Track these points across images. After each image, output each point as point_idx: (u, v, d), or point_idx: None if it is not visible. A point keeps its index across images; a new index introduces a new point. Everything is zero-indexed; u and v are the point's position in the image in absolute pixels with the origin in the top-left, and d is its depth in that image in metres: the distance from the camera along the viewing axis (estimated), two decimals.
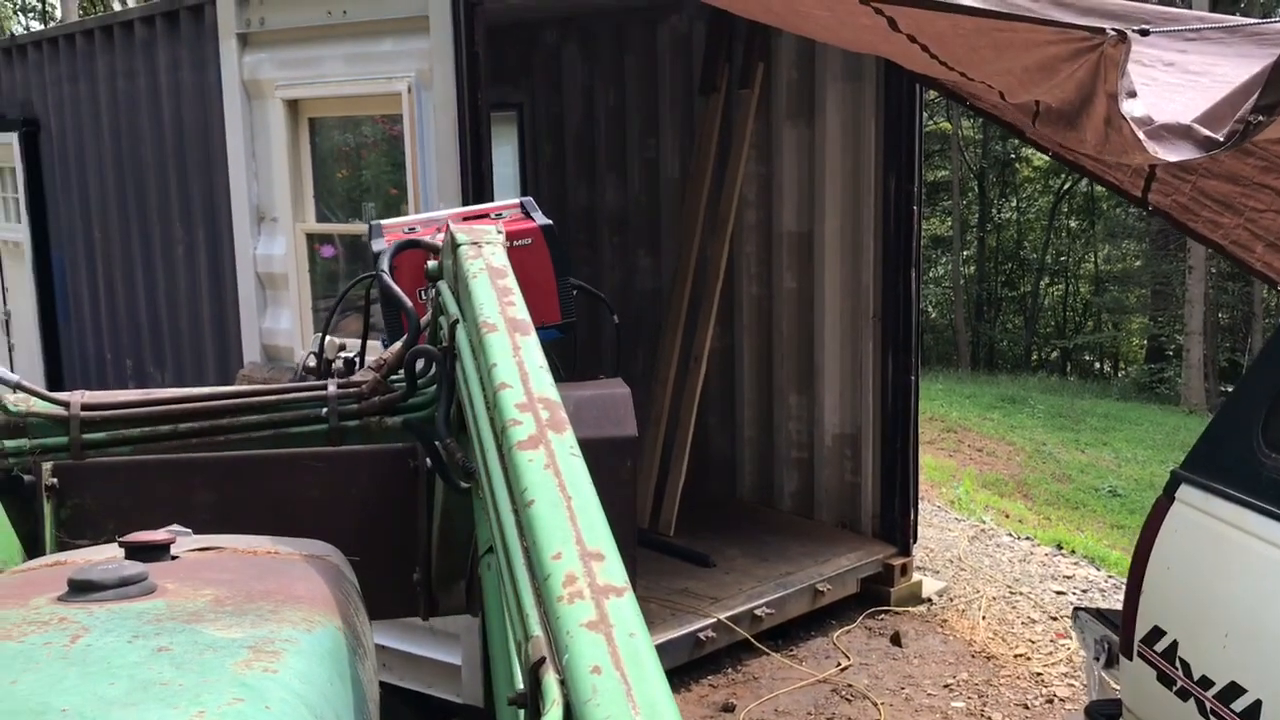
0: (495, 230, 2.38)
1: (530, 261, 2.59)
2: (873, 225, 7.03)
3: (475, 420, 1.80)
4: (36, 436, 2.19)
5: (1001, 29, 3.26)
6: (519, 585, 1.25)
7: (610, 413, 2.52)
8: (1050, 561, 7.98)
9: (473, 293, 2.03)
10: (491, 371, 1.73)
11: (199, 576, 1.69)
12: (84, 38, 7.79)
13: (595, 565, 1.21)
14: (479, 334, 1.87)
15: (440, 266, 2.37)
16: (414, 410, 2.33)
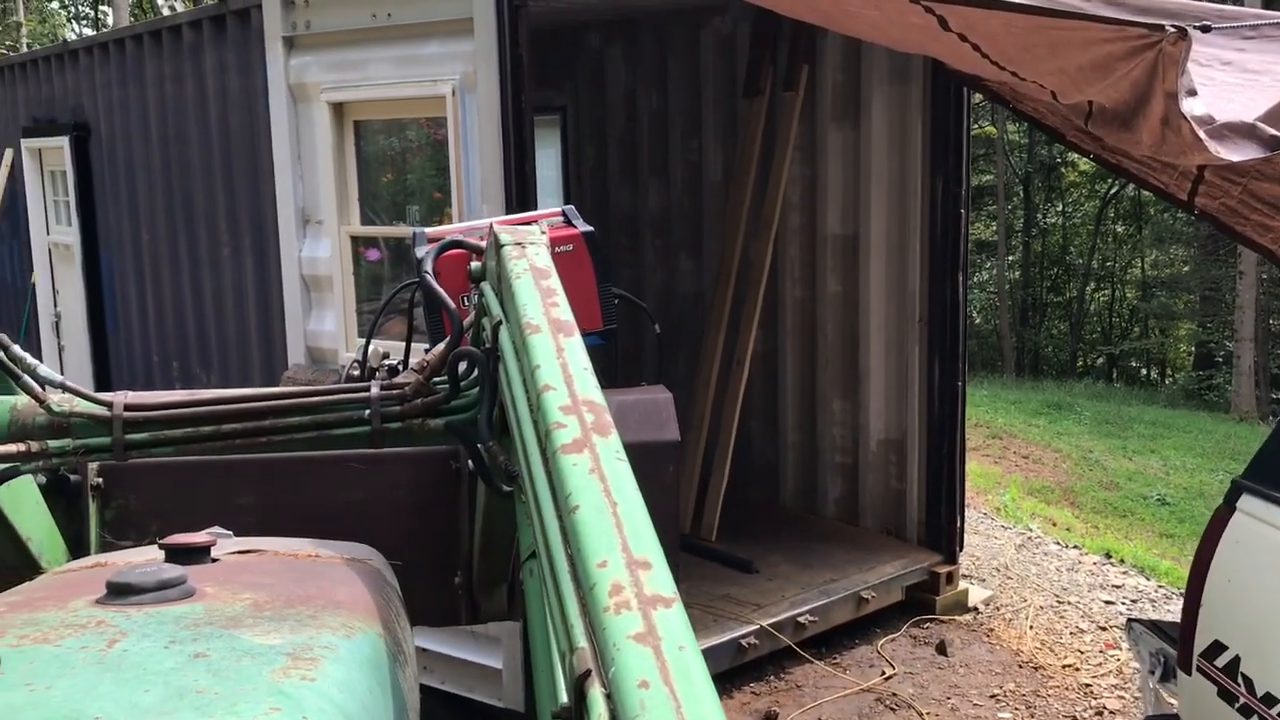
0: (539, 231, 2.36)
1: (572, 268, 2.57)
2: (919, 229, 6.95)
3: (518, 423, 1.77)
4: (80, 436, 2.18)
5: (1056, 27, 3.20)
6: (563, 594, 1.21)
7: (653, 417, 2.49)
8: (1098, 570, 7.85)
9: (516, 293, 2.00)
10: (535, 373, 1.70)
11: (238, 580, 1.67)
12: (133, 43, 7.87)
13: (643, 574, 1.17)
14: (522, 335, 1.85)
15: (484, 268, 2.35)
16: (457, 412, 2.31)
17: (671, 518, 2.72)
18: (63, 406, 2.18)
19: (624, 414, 2.50)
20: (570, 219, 2.74)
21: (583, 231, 2.64)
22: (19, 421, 2.19)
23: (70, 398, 2.18)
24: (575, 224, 2.71)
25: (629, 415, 2.47)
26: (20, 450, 2.10)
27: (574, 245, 2.60)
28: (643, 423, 2.47)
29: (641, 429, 2.46)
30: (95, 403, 2.18)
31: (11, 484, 2.12)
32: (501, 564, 2.58)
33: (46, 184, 9.53)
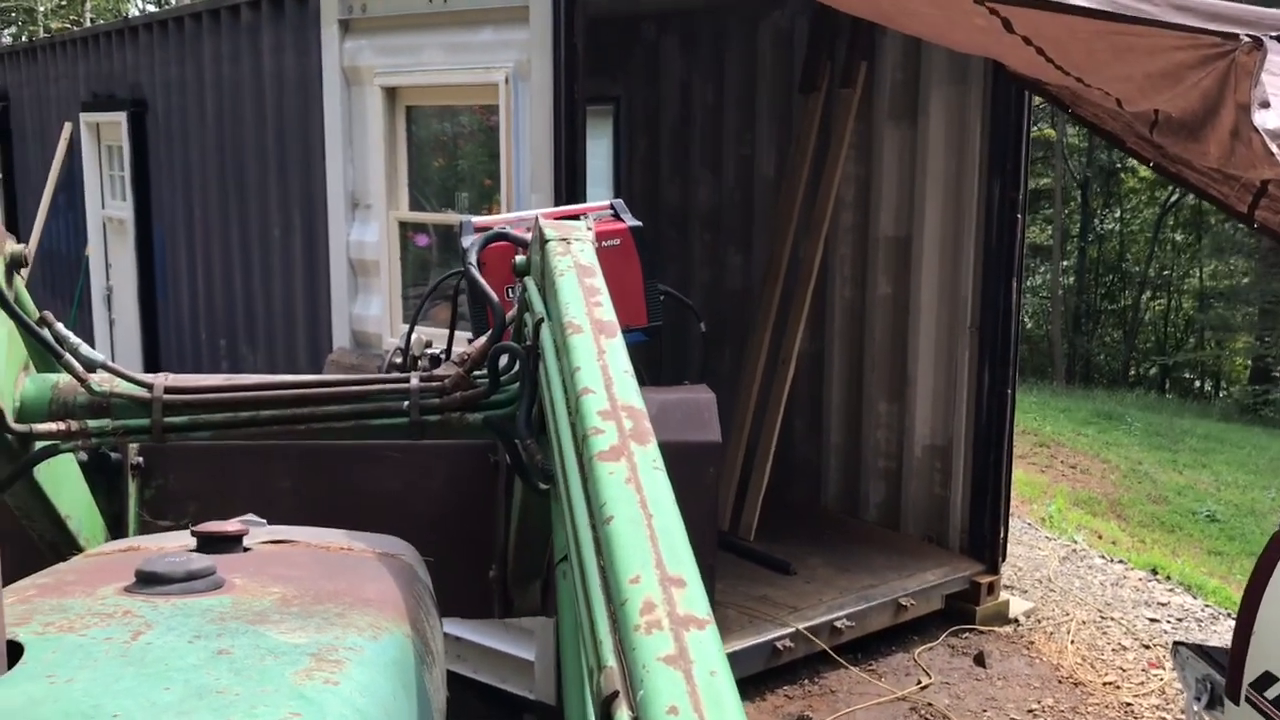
0: (584, 227, 2.32)
1: (618, 263, 2.55)
2: (974, 232, 6.84)
3: (556, 424, 1.74)
4: (120, 417, 2.17)
5: (1123, 32, 3.11)
6: (594, 608, 1.17)
7: (695, 417, 2.47)
8: (1144, 586, 7.71)
9: (559, 291, 1.96)
10: (575, 375, 1.66)
11: (268, 572, 1.65)
12: (192, 21, 7.92)
13: (676, 592, 1.13)
14: (564, 335, 1.81)
15: (528, 261, 2.32)
16: (496, 407, 2.29)
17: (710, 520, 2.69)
18: (103, 387, 2.17)
19: (666, 413, 2.46)
20: (619, 213, 2.71)
21: (630, 226, 2.62)
22: (60, 400, 2.18)
23: (111, 378, 2.17)
24: (623, 218, 2.68)
25: (671, 414, 2.45)
26: (60, 429, 2.10)
27: (621, 240, 2.58)
28: (684, 422, 2.44)
29: (683, 429, 2.43)
30: (135, 384, 2.17)
31: (52, 462, 2.12)
32: (536, 560, 2.56)
33: (103, 158, 9.63)
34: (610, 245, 2.56)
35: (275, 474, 2.53)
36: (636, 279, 2.59)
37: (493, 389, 2.25)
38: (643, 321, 2.62)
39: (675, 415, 2.45)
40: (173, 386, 2.20)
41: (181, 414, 2.18)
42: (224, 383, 2.27)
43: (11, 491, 2.08)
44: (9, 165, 12.07)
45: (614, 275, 2.57)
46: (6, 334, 2.11)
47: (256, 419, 2.22)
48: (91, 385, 2.14)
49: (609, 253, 2.55)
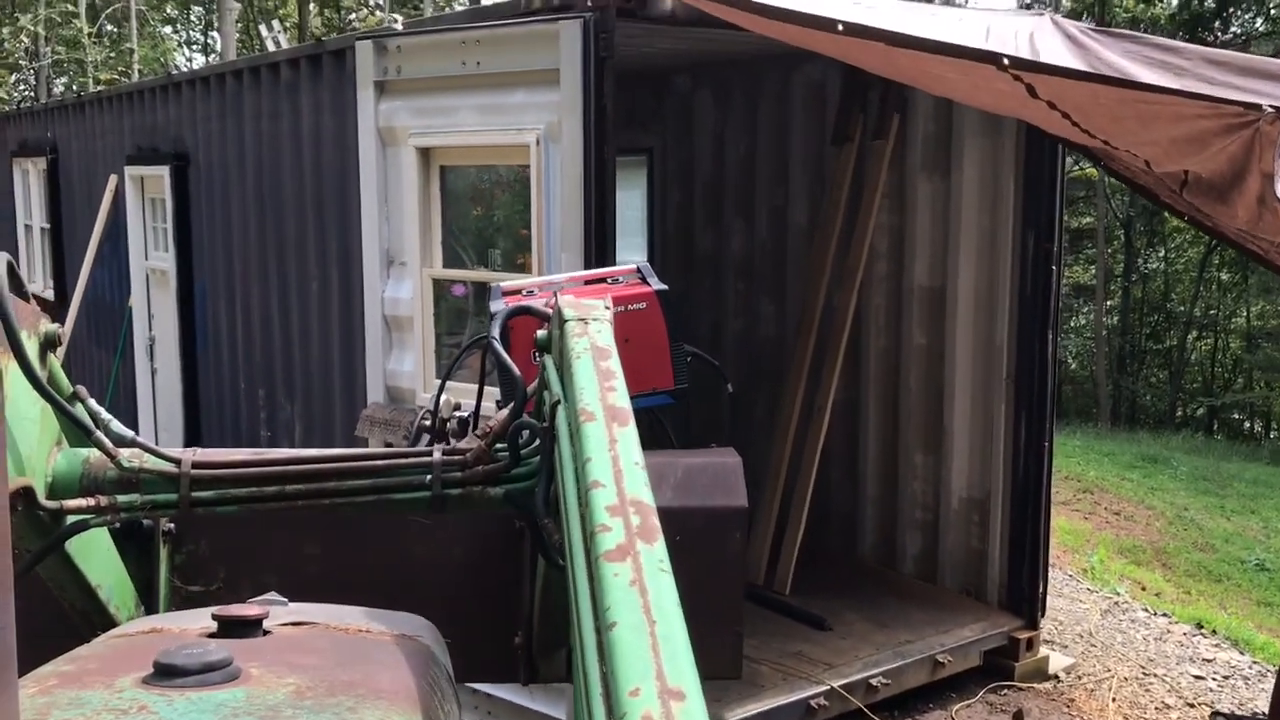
0: (603, 305, 2.34)
1: (644, 326, 2.59)
2: (1008, 283, 6.80)
3: (567, 513, 1.75)
4: (149, 492, 2.23)
5: (1146, 100, 3.10)
6: (594, 716, 1.17)
7: (721, 481, 2.46)
8: (1189, 641, 7.57)
9: (575, 375, 1.98)
10: (585, 466, 1.67)
11: (284, 660, 1.66)
12: (233, 78, 8.07)
13: (675, 706, 1.13)
14: (577, 420, 1.82)
15: (549, 337, 2.34)
16: (516, 481, 2.31)
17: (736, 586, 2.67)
18: (133, 462, 2.22)
19: (692, 478, 2.47)
20: (645, 276, 2.73)
21: (656, 290, 2.64)
22: (90, 475, 2.24)
23: (140, 453, 2.23)
24: (649, 281, 2.70)
25: (697, 479, 2.45)
26: (90, 504, 2.16)
27: (647, 303, 2.60)
28: (711, 487, 2.44)
29: (710, 493, 2.43)
30: (164, 459, 2.22)
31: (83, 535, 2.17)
32: (561, 629, 2.56)
33: (147, 211, 9.80)
34: (636, 309, 2.58)
35: (303, 540, 2.56)
36: (662, 342, 2.62)
37: (513, 463, 2.27)
38: (669, 384, 2.64)
39: (702, 480, 2.45)
40: (200, 461, 2.25)
41: (209, 488, 2.23)
42: (251, 457, 2.31)
43: (44, 564, 2.13)
44: (57, 216, 12.32)
45: (640, 338, 2.60)
46: (40, 412, 2.16)
47: (282, 493, 2.26)
48: (121, 461, 2.19)
49: (635, 316, 2.58)
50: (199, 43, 33.25)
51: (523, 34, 5.20)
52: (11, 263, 2.14)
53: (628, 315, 2.59)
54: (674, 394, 2.69)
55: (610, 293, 2.65)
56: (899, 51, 3.67)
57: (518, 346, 2.46)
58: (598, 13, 4.89)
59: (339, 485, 2.29)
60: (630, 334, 2.57)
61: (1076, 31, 4.44)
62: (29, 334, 2.11)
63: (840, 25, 3.70)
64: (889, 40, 3.62)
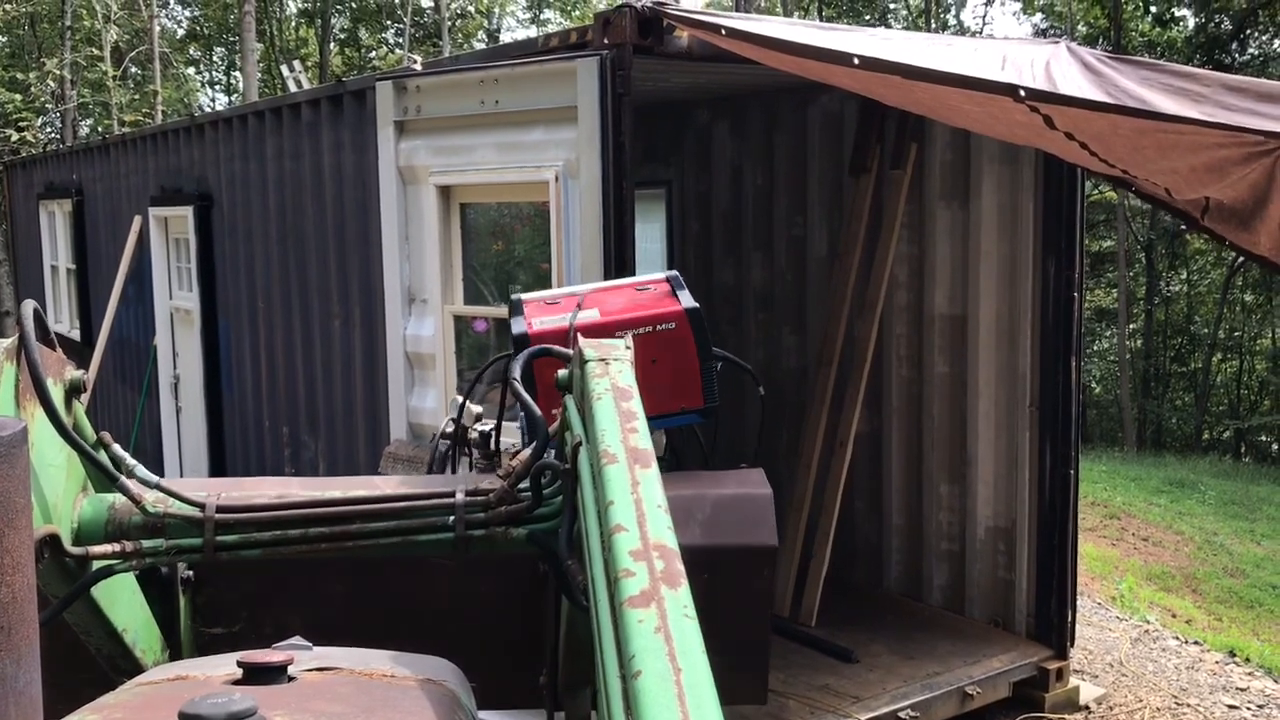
0: (623, 346, 2.33)
1: (674, 346, 2.55)
2: (1030, 310, 6.78)
3: (590, 556, 1.74)
4: (173, 536, 2.24)
5: (1166, 130, 3.09)
6: None
7: (750, 518, 2.43)
8: (1221, 670, 7.47)
9: (596, 415, 1.98)
10: (608, 510, 1.67)
11: (309, 708, 1.66)
12: (255, 118, 8.16)
13: None
14: (599, 463, 1.82)
15: (570, 377, 2.33)
16: (539, 521, 2.29)
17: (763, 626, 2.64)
18: (157, 507, 2.23)
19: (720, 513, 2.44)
20: (675, 288, 2.68)
21: (686, 309, 2.59)
22: (116, 521, 2.25)
23: (165, 498, 2.23)
24: (679, 296, 2.65)
25: (725, 515, 2.42)
26: (116, 550, 2.17)
27: (677, 323, 2.56)
28: (740, 524, 2.41)
29: (738, 531, 2.40)
30: (188, 504, 2.23)
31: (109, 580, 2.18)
32: (585, 668, 2.55)
33: (171, 251, 9.90)
34: (665, 329, 2.55)
35: (325, 580, 2.56)
36: (692, 361, 2.58)
37: (536, 504, 2.27)
38: (699, 403, 2.60)
39: (730, 517, 2.42)
40: (224, 505, 2.25)
41: (233, 532, 2.23)
42: (274, 499, 2.31)
43: (70, 610, 2.14)
44: (83, 256, 12.45)
45: (669, 358, 2.57)
46: (66, 459, 2.18)
47: (305, 536, 2.26)
48: (146, 506, 2.20)
49: (664, 336, 2.55)
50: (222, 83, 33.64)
51: (540, 72, 5.24)
52: (38, 310, 2.16)
53: (655, 336, 2.56)
54: (704, 413, 2.66)
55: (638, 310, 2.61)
56: (915, 84, 3.68)
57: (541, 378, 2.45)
58: (614, 50, 4.93)
59: (362, 528, 2.29)
60: (659, 354, 2.54)
61: (1093, 59, 4.44)
62: (54, 381, 2.13)
63: (856, 59, 3.72)
64: (904, 73, 3.63)
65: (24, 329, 2.07)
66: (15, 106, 20.69)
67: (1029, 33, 31.11)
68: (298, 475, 8.00)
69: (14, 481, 1.13)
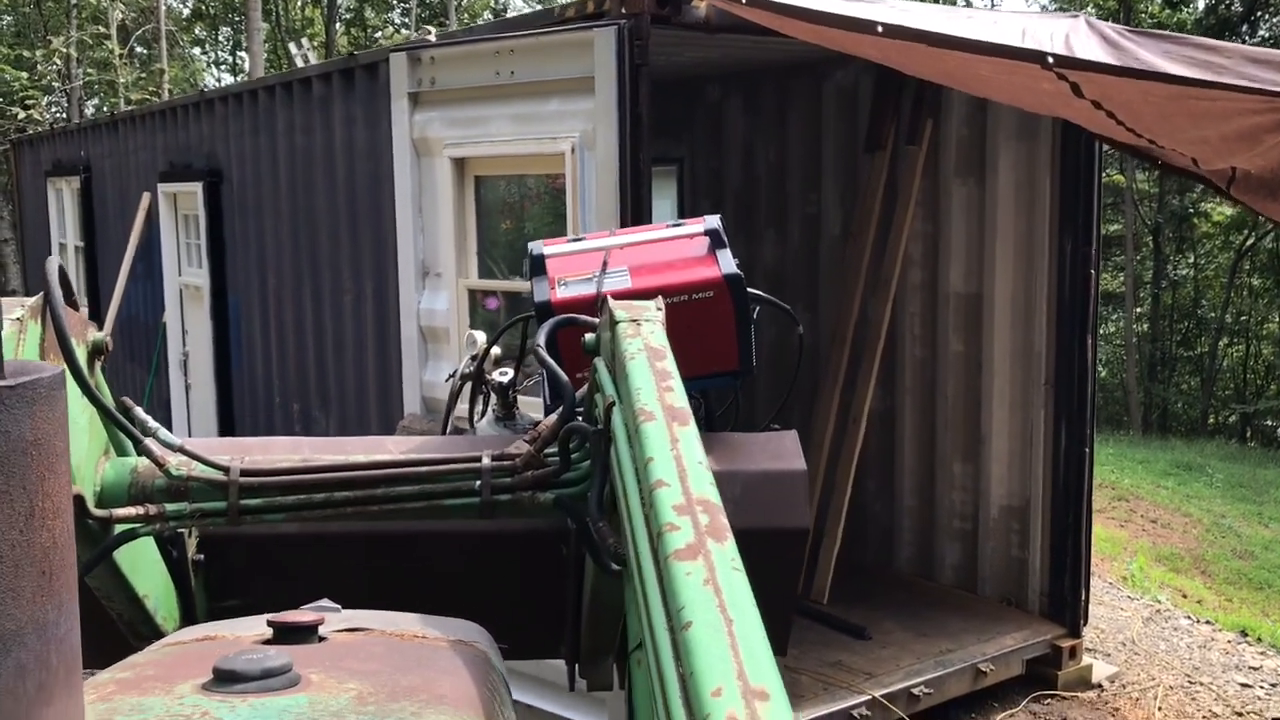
0: (655, 307, 2.29)
1: (711, 313, 2.46)
2: (1046, 288, 6.74)
3: (629, 513, 1.71)
4: (196, 500, 2.20)
5: (1199, 96, 3.05)
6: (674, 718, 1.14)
7: (782, 497, 2.35)
8: (1233, 649, 7.46)
9: (630, 375, 1.94)
10: (648, 466, 1.64)
11: (343, 666, 1.64)
12: (265, 93, 8.11)
13: (759, 706, 1.10)
14: (635, 421, 1.79)
15: (597, 340, 2.29)
16: (566, 486, 2.26)
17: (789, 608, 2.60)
18: (181, 470, 2.20)
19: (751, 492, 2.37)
20: (715, 241, 2.52)
21: (725, 276, 2.47)
22: (139, 484, 2.22)
23: (188, 461, 2.20)
24: (718, 258, 2.51)
25: (757, 495, 2.34)
26: (139, 513, 2.13)
27: (715, 291, 2.45)
28: (772, 505, 2.32)
29: (769, 512, 2.32)
30: (213, 467, 2.20)
31: (130, 544, 2.15)
32: (608, 637, 2.52)
33: (180, 227, 9.87)
34: (702, 298, 2.45)
35: (340, 552, 2.53)
36: (729, 327, 2.48)
37: (564, 468, 2.23)
38: (733, 366, 2.53)
39: (761, 496, 2.33)
40: (248, 469, 2.22)
41: (257, 496, 2.20)
42: (299, 464, 2.28)
43: (92, 574, 2.11)
44: (91, 234, 12.42)
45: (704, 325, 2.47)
46: (89, 421, 2.15)
47: (330, 500, 2.23)
48: (170, 469, 2.17)
49: (701, 304, 2.45)
50: (228, 63, 33.54)
51: (557, 43, 5.20)
52: (62, 268, 2.13)
53: (691, 304, 2.46)
54: (738, 375, 2.58)
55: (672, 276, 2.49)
56: (941, 52, 3.64)
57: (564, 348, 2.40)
58: (632, 20, 4.88)
59: (388, 492, 2.26)
60: (694, 322, 2.44)
61: (1112, 33, 4.39)
62: (78, 341, 2.10)
63: (880, 27, 3.68)
64: (930, 41, 3.59)
65: (50, 286, 2.04)
66: (21, 85, 20.64)
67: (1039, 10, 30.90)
68: None
69: (54, 424, 1.10)
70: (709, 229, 2.53)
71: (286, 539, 2.47)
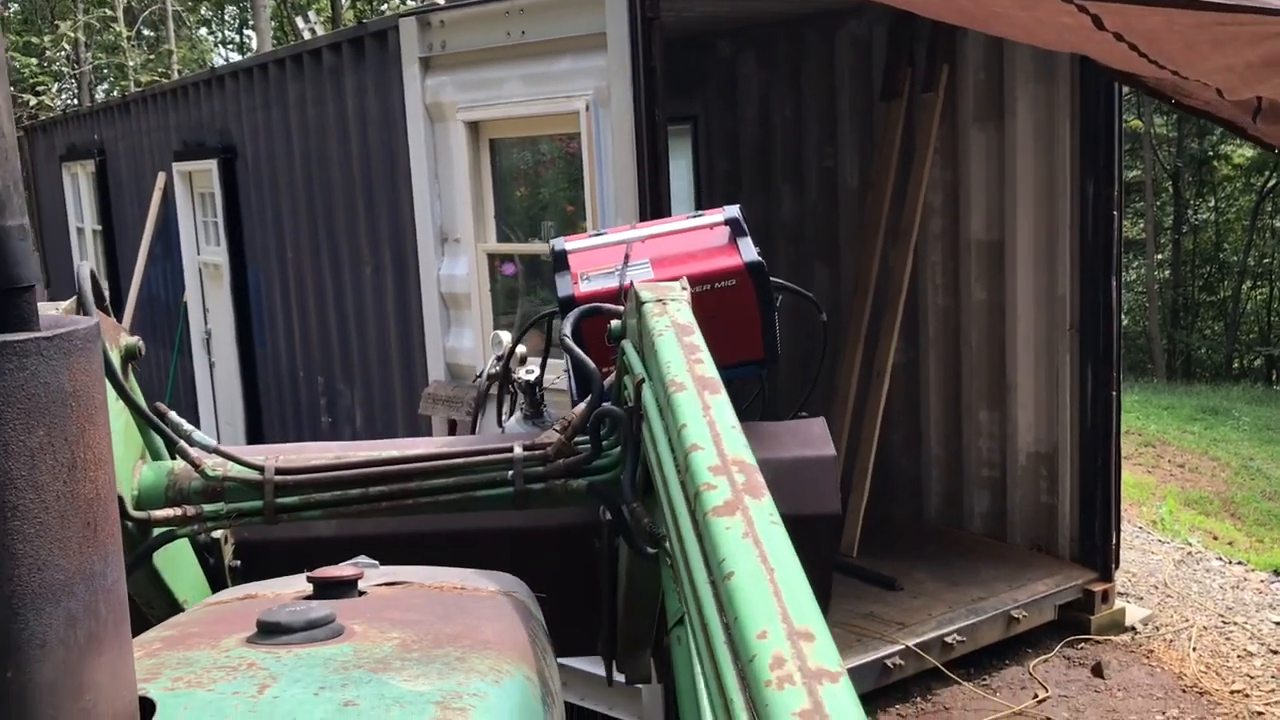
0: (680, 286, 2.28)
1: (734, 301, 2.47)
2: (1068, 232, 6.68)
3: (665, 484, 1.71)
4: (232, 500, 2.22)
5: (1224, 22, 3.00)
6: (721, 666, 1.14)
7: (812, 484, 2.35)
8: (1266, 589, 7.43)
9: (659, 350, 1.94)
10: (681, 433, 1.64)
11: (385, 617, 1.65)
12: (276, 67, 8.09)
13: (805, 646, 1.09)
14: (667, 393, 1.78)
15: (624, 326, 2.28)
16: (599, 472, 2.26)
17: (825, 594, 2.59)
18: (217, 471, 2.21)
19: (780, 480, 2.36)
20: (736, 235, 2.54)
21: (748, 264, 2.48)
22: (176, 486, 2.24)
23: (224, 462, 2.21)
24: (740, 246, 2.53)
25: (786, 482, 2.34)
26: (176, 515, 2.15)
27: (737, 280, 2.47)
28: (801, 492, 2.31)
29: (800, 499, 2.30)
30: (248, 466, 2.21)
31: (169, 547, 2.17)
32: (645, 628, 2.52)
33: (196, 206, 9.87)
34: (725, 286, 2.47)
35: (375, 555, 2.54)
36: (753, 315, 2.50)
37: (595, 454, 2.23)
38: (759, 355, 2.54)
39: (791, 483, 2.30)
40: (283, 467, 2.23)
41: (293, 494, 2.21)
42: (333, 459, 2.29)
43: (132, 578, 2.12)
44: (108, 217, 12.45)
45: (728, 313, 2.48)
46: (124, 425, 2.16)
47: (366, 495, 2.24)
48: (206, 470, 2.18)
49: (723, 293, 2.46)
50: (234, 42, 33.48)
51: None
52: (94, 272, 2.14)
53: (714, 293, 2.47)
54: (764, 363, 2.58)
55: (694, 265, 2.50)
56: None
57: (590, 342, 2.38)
58: None
59: (422, 485, 2.26)
60: (717, 311, 2.43)
61: None
62: (111, 346, 2.11)
63: None
64: None
65: (82, 291, 2.05)
66: (31, 71, 20.65)
67: None
68: (334, 424, 8.02)
69: (92, 376, 1.10)
70: (729, 218, 2.55)
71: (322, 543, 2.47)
